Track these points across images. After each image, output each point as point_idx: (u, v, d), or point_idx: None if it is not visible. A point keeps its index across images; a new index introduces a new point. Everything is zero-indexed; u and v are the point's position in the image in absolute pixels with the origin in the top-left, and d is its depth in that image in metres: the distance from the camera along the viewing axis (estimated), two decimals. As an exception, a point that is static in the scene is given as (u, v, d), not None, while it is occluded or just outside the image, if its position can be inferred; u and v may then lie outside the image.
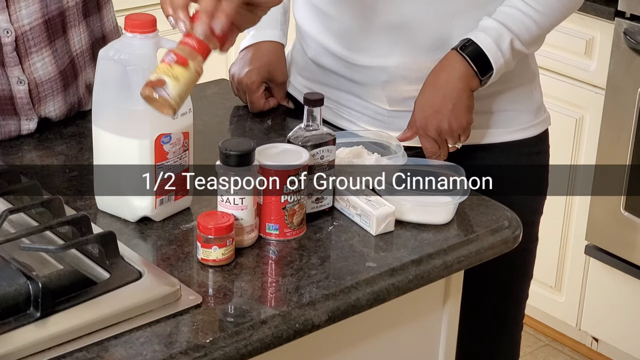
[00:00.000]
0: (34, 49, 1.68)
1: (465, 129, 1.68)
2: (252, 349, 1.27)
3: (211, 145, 1.54)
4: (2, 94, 1.69)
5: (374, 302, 1.39)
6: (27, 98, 1.70)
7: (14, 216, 1.41)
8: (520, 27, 1.67)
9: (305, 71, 1.85)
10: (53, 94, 1.74)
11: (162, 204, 1.48)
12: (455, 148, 1.70)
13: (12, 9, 1.64)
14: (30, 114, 1.73)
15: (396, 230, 1.50)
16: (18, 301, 1.22)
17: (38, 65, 1.70)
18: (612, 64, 2.70)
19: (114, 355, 1.21)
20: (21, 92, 1.69)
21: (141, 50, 1.42)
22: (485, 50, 1.65)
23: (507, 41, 1.65)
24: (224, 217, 1.39)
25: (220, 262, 1.38)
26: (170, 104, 1.34)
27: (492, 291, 1.85)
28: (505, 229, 1.54)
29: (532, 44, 1.71)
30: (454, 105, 1.65)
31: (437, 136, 1.67)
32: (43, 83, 1.71)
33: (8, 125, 1.72)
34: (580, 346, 3.04)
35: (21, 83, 1.68)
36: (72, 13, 1.73)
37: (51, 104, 1.74)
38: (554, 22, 1.71)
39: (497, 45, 1.65)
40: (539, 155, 1.86)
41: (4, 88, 1.68)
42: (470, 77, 1.66)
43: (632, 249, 2.75)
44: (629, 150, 2.68)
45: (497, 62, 1.66)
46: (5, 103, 1.70)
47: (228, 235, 1.38)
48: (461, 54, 1.65)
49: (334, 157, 1.52)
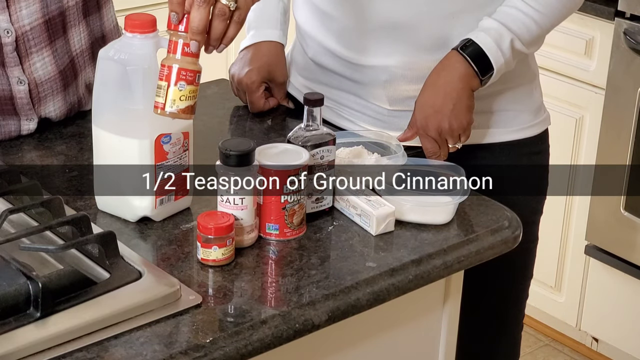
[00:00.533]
0: (34, 49, 1.68)
1: (466, 129, 1.68)
2: (252, 349, 1.27)
3: (211, 145, 1.54)
4: (2, 94, 1.68)
5: (374, 302, 1.39)
6: (27, 98, 1.70)
7: (14, 216, 1.41)
8: (521, 27, 1.67)
9: (305, 71, 1.85)
10: (53, 94, 1.74)
11: (162, 204, 1.48)
12: (455, 148, 1.70)
13: (12, 9, 1.64)
14: (30, 114, 1.72)
15: (396, 230, 1.50)
16: (18, 301, 1.22)
17: (38, 66, 1.70)
18: (612, 64, 2.70)
19: (114, 355, 1.21)
20: (21, 92, 1.69)
21: (141, 50, 1.42)
22: (486, 50, 1.65)
23: (508, 41, 1.65)
24: (224, 217, 1.39)
25: (220, 262, 1.38)
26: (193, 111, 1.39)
27: (492, 291, 1.85)
28: (506, 229, 1.54)
29: (533, 44, 1.71)
30: (455, 105, 1.65)
31: (437, 136, 1.67)
32: (43, 83, 1.71)
33: (8, 126, 1.72)
34: (580, 346, 3.04)
35: (21, 83, 1.68)
36: (72, 13, 1.73)
37: (51, 103, 1.74)
38: (554, 22, 1.72)
39: (497, 45, 1.65)
40: (539, 155, 1.86)
41: (4, 88, 1.68)
42: (470, 77, 1.66)
43: (632, 249, 2.75)
44: (629, 150, 2.68)
45: (498, 62, 1.66)
46: (6, 103, 1.70)
47: (228, 235, 1.38)
48: (462, 54, 1.65)
49: (334, 157, 1.52)
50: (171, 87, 1.36)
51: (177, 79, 1.36)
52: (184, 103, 1.37)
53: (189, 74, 1.36)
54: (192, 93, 1.37)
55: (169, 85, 1.36)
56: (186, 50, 1.37)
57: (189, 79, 1.36)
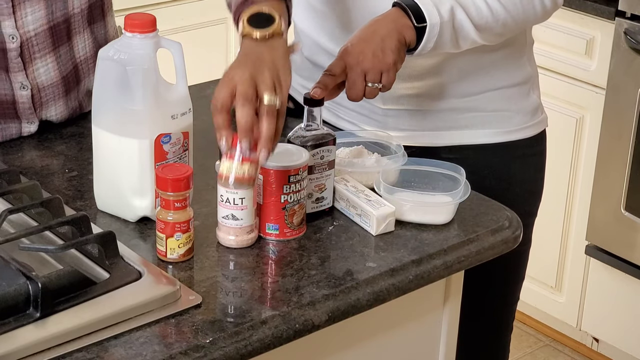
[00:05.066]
0: (38, 54, 1.68)
1: (389, 70, 1.59)
2: (252, 349, 1.27)
3: (211, 145, 1.54)
4: (5, 98, 1.69)
5: (374, 302, 1.39)
6: (29, 103, 1.70)
7: (13, 216, 1.41)
8: (469, 2, 1.62)
9: (302, 70, 1.85)
10: (55, 99, 1.74)
11: (162, 204, 1.48)
12: (375, 89, 1.59)
13: (18, 15, 1.64)
14: (32, 118, 1.73)
15: (396, 230, 1.50)
16: (18, 301, 1.22)
17: (42, 71, 1.70)
18: (612, 64, 2.70)
19: (113, 356, 1.21)
20: (24, 97, 1.69)
21: (141, 50, 1.42)
22: (420, 4, 1.59)
23: (448, 6, 1.60)
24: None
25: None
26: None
27: (483, 293, 1.84)
28: (506, 229, 1.54)
29: (483, 28, 1.64)
30: (382, 40, 1.58)
31: (356, 64, 1.58)
32: (45, 88, 1.71)
33: (9, 129, 1.72)
34: (580, 346, 3.04)
35: (24, 88, 1.69)
36: (77, 20, 1.73)
37: (53, 108, 1.74)
38: (514, 17, 1.66)
39: (435, 5, 1.60)
40: (534, 157, 1.85)
41: (7, 93, 1.68)
42: (404, 24, 1.59)
43: (632, 249, 2.75)
44: (629, 150, 2.68)
45: (432, 18, 1.59)
46: (8, 107, 1.70)
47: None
48: (399, 5, 1.60)
49: (334, 157, 1.52)
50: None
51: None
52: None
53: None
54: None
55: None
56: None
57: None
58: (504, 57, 1.76)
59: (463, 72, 1.74)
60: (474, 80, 1.75)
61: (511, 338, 1.98)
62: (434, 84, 1.74)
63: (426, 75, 1.73)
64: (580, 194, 2.87)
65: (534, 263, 2.11)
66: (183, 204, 1.37)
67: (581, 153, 2.85)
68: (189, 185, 1.38)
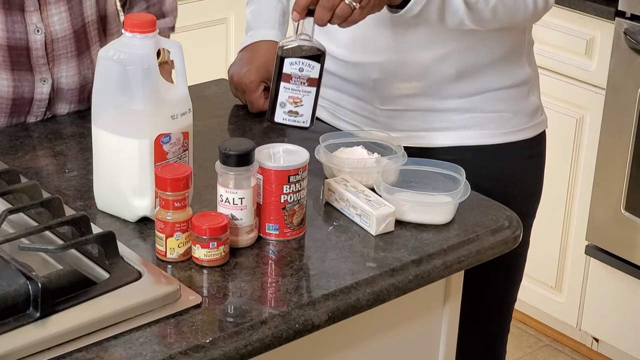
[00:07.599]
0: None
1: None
2: (252, 349, 1.27)
3: (211, 145, 1.54)
4: (20, 43, 1.71)
5: (374, 302, 1.39)
6: (42, 50, 1.73)
7: (13, 216, 1.41)
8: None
9: None
10: (67, 57, 1.76)
11: (162, 204, 1.48)
12: (349, 6, 1.51)
13: None
14: (45, 71, 1.74)
15: (396, 230, 1.50)
16: (18, 301, 1.22)
17: (55, 19, 1.73)
18: (612, 64, 2.69)
19: (113, 356, 1.21)
20: (37, 42, 1.72)
21: (141, 49, 1.42)
22: None
23: None
24: (218, 217, 1.39)
25: (204, 262, 1.39)
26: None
27: (481, 294, 1.84)
28: (506, 229, 1.54)
29: (473, 6, 1.62)
30: None
31: None
32: (59, 40, 1.74)
33: (22, 87, 1.74)
34: (580, 346, 3.04)
35: (38, 31, 1.71)
36: None
37: (64, 67, 1.76)
38: (501, 5, 1.63)
39: None
40: (533, 159, 1.84)
41: (21, 37, 1.71)
42: None
43: (632, 249, 2.75)
44: (629, 150, 2.68)
45: None
46: (21, 54, 1.72)
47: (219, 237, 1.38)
48: None
49: (317, 75, 1.49)
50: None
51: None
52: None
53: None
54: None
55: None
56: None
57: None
58: (503, 57, 1.76)
59: (462, 73, 1.74)
60: (472, 81, 1.75)
61: (511, 338, 1.99)
62: (432, 84, 1.74)
63: (425, 75, 1.73)
64: (580, 194, 2.87)
65: (534, 263, 2.11)
66: (182, 204, 1.38)
67: (581, 153, 2.85)
68: (188, 185, 1.38)
